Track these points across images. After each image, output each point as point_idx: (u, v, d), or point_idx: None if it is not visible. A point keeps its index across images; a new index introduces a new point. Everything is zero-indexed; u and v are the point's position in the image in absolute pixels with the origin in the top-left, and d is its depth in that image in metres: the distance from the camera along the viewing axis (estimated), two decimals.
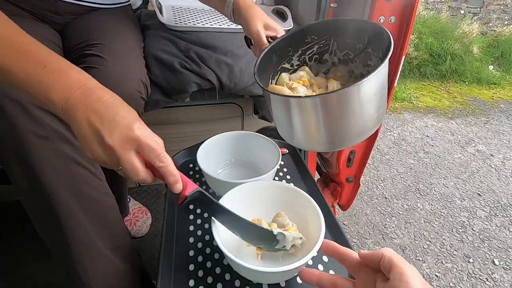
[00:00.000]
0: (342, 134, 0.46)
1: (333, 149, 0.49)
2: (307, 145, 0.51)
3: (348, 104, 0.42)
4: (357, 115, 0.43)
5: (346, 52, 0.56)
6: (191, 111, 0.93)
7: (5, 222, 0.95)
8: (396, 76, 0.77)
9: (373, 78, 0.39)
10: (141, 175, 0.36)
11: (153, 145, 0.36)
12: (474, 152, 1.70)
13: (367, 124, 0.45)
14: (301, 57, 0.59)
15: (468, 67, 2.55)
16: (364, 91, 0.41)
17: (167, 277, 0.43)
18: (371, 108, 0.44)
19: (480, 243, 1.15)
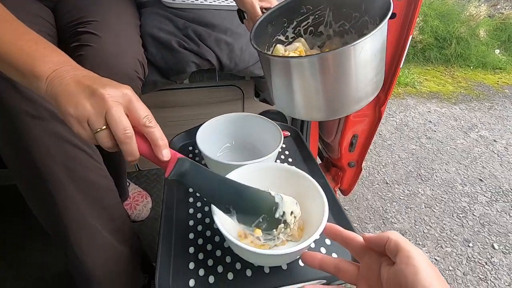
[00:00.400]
0: (341, 98, 0.45)
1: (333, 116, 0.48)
2: (306, 113, 0.50)
3: (344, 65, 0.41)
4: (354, 78, 0.42)
5: (341, 23, 0.55)
6: (190, 93, 0.91)
7: (5, 205, 0.94)
8: (403, 55, 0.74)
9: (370, 39, 0.38)
10: (128, 132, 0.33)
11: (144, 107, 0.35)
12: (477, 137, 1.68)
13: (366, 88, 0.45)
14: (296, 29, 0.57)
15: (474, 51, 2.49)
16: (360, 52, 0.40)
17: (167, 260, 0.42)
18: (369, 71, 0.43)
19: (480, 227, 1.15)
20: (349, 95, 0.44)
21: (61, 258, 0.77)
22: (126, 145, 0.34)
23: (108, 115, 0.32)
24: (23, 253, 0.81)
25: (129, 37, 0.61)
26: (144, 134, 0.35)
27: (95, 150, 0.54)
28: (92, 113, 0.32)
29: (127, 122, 0.33)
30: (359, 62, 0.41)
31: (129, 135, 0.33)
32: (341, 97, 0.45)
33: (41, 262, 0.79)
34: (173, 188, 0.55)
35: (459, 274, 0.98)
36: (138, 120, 0.34)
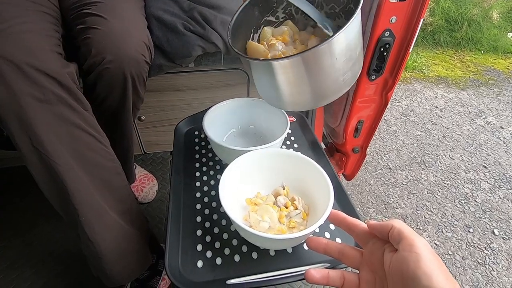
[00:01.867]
0: (322, 89, 0.46)
1: (318, 105, 0.51)
2: (293, 106, 0.51)
3: (322, 60, 0.42)
4: (333, 69, 0.43)
5: (331, 6, 0.54)
6: (195, 77, 0.90)
7: (18, 185, 0.97)
8: (413, 40, 0.72)
9: (343, 33, 0.39)
10: None
11: None
12: (484, 124, 1.66)
13: (345, 76, 0.46)
14: (287, 8, 0.56)
15: (486, 34, 2.41)
16: (335, 47, 0.41)
17: (176, 242, 0.44)
18: (345, 61, 0.44)
19: (482, 214, 1.16)
20: (330, 85, 0.46)
21: (71, 235, 0.81)
22: None
23: None
24: (37, 231, 0.85)
25: (135, 20, 0.60)
26: None
27: (102, 134, 0.55)
28: None
29: None
30: (335, 56, 0.42)
31: None
32: (322, 88, 0.46)
33: (53, 239, 0.82)
34: (180, 172, 0.56)
35: (458, 259, 1.00)
36: None
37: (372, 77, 0.80)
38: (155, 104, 0.93)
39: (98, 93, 0.59)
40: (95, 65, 0.55)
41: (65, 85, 0.47)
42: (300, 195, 0.47)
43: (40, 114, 0.45)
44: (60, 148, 0.47)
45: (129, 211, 0.58)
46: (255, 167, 0.48)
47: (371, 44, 0.74)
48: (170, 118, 0.98)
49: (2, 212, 0.90)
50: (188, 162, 0.58)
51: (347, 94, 0.87)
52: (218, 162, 0.58)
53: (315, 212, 0.44)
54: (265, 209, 0.44)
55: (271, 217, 0.43)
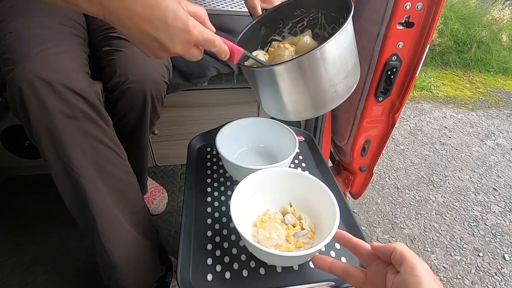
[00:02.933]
0: (321, 96, 0.48)
1: (320, 112, 0.53)
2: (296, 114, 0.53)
3: (316, 66, 0.44)
4: (326, 76, 0.45)
5: (333, 26, 0.57)
6: (209, 95, 0.94)
7: (34, 193, 1.01)
8: (419, 64, 0.75)
9: (334, 41, 0.42)
10: (198, 58, 0.40)
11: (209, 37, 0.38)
12: (494, 145, 1.65)
13: (344, 83, 0.48)
14: (292, 29, 0.60)
15: (495, 56, 2.43)
16: (326, 54, 0.43)
17: (187, 255, 0.46)
18: (340, 69, 0.46)
19: (492, 237, 1.14)
20: (322, 95, 0.48)
21: (84, 244, 0.83)
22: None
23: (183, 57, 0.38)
24: (52, 238, 0.88)
25: None
26: None
27: (121, 147, 0.58)
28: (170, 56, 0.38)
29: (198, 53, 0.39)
30: (328, 62, 0.44)
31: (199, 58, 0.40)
32: (317, 96, 0.48)
33: (67, 246, 0.85)
34: (192, 187, 0.59)
35: (467, 283, 0.98)
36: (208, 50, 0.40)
37: (380, 98, 0.82)
38: (169, 119, 0.97)
39: (119, 109, 0.63)
40: (118, 84, 0.59)
41: (91, 102, 0.51)
42: (307, 213, 0.49)
43: (67, 129, 0.49)
44: (83, 161, 0.50)
45: (143, 222, 0.61)
46: (265, 185, 0.50)
47: (379, 67, 0.77)
48: (182, 133, 1.02)
49: (19, 218, 0.94)
50: (200, 177, 0.61)
51: (355, 114, 0.90)
52: (229, 178, 0.61)
53: (321, 231, 0.45)
54: (273, 226, 0.46)
55: (278, 235, 0.45)
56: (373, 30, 0.76)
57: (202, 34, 0.36)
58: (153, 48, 0.36)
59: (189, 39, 0.36)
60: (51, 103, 0.47)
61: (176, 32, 0.34)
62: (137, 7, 0.32)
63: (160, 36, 0.34)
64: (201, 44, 0.38)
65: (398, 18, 0.69)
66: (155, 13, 0.33)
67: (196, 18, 0.37)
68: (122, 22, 0.34)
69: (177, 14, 0.34)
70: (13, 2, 0.56)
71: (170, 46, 0.35)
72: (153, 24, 0.33)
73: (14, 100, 0.47)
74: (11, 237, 0.88)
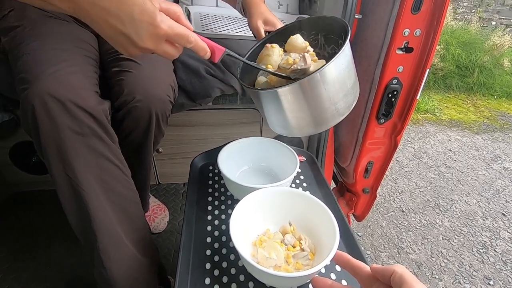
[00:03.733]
0: (323, 113, 0.51)
1: (322, 129, 0.55)
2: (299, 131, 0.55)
3: (316, 87, 0.47)
4: (326, 95, 0.48)
5: (332, 47, 0.59)
6: (213, 114, 0.96)
7: (38, 209, 1.02)
8: (419, 89, 0.76)
9: (333, 64, 0.45)
10: (174, 56, 0.40)
11: (180, 31, 0.37)
12: (500, 169, 1.63)
13: (344, 101, 0.51)
14: None
15: (498, 81, 2.45)
16: (325, 76, 0.46)
17: (185, 274, 0.45)
18: (339, 88, 0.48)
19: (503, 265, 1.10)
20: (323, 112, 0.50)
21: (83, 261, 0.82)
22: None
23: (156, 53, 0.38)
24: (51, 254, 0.87)
25: (163, 64, 0.68)
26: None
27: (125, 164, 0.60)
28: (143, 52, 0.38)
29: (172, 50, 0.39)
30: (328, 83, 0.47)
31: (176, 55, 0.40)
32: (318, 114, 0.51)
33: (66, 263, 0.84)
34: (193, 205, 0.59)
35: None
36: (182, 45, 0.40)
37: (381, 120, 0.83)
38: (173, 137, 0.99)
39: (125, 127, 0.65)
40: (125, 103, 0.61)
41: (98, 120, 0.53)
42: (307, 234, 0.48)
43: (75, 145, 0.50)
44: (88, 177, 0.51)
45: (143, 240, 0.61)
46: (265, 204, 0.50)
47: (380, 90, 0.79)
48: (186, 151, 1.03)
49: (20, 233, 0.94)
50: (202, 195, 0.61)
51: (357, 135, 0.91)
52: (230, 197, 0.61)
53: (321, 252, 0.45)
54: (272, 247, 0.45)
55: (278, 255, 0.44)
56: (374, 54, 0.78)
57: (172, 29, 0.36)
58: (123, 43, 0.36)
59: (157, 33, 0.35)
60: (61, 120, 0.49)
61: (143, 26, 0.34)
62: (104, 2, 0.33)
63: (128, 30, 0.34)
64: (172, 39, 0.37)
65: (397, 43, 0.72)
66: (122, 7, 0.33)
67: (169, 14, 0.37)
68: (90, 17, 0.34)
69: (144, 8, 0.34)
70: (32, 25, 0.60)
71: (138, 41, 0.35)
72: (120, 19, 0.34)
73: (26, 116, 0.49)
74: (11, 252, 0.87)
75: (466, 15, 2.97)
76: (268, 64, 0.52)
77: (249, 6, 0.64)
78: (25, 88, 0.49)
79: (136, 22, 0.34)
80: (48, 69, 0.51)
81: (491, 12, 2.95)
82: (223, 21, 0.92)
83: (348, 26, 0.49)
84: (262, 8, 0.63)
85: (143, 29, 0.35)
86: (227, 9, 1.00)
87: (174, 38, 0.37)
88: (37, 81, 0.49)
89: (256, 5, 0.64)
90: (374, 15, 0.77)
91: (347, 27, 0.49)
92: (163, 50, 0.38)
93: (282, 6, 1.08)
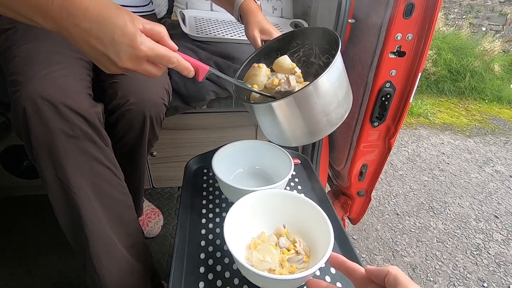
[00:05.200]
0: (316, 124, 0.52)
1: (316, 138, 0.57)
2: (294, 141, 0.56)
3: (309, 100, 0.48)
4: (320, 107, 0.49)
5: (326, 56, 0.60)
6: (207, 117, 0.96)
7: (30, 214, 1.00)
8: (412, 92, 0.77)
9: (325, 76, 0.46)
10: (157, 75, 0.41)
11: (161, 53, 0.38)
12: (492, 172, 1.65)
13: (336, 112, 0.52)
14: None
15: (489, 85, 2.50)
16: (318, 89, 0.47)
17: (179, 278, 0.45)
18: (332, 99, 0.50)
19: (496, 267, 1.10)
20: (315, 124, 0.52)
21: (74, 268, 0.81)
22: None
23: (138, 73, 0.39)
24: (42, 261, 0.85)
25: None
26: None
27: (118, 168, 0.59)
28: (125, 72, 0.39)
29: (154, 70, 0.40)
30: (320, 95, 0.48)
31: (159, 75, 0.41)
32: (311, 125, 0.52)
33: (57, 269, 0.83)
34: (188, 208, 0.58)
35: None
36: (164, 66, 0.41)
37: (375, 123, 0.84)
38: (167, 141, 0.99)
39: (118, 130, 0.65)
40: (119, 106, 0.61)
41: (91, 123, 0.52)
42: (302, 236, 0.48)
43: (67, 148, 0.50)
44: (80, 180, 0.51)
45: (136, 245, 0.60)
46: (260, 207, 0.50)
47: (373, 93, 0.80)
48: (180, 155, 1.02)
49: (10, 239, 0.92)
50: (196, 198, 0.61)
51: (351, 138, 0.91)
52: (224, 200, 0.61)
53: (316, 254, 0.45)
54: (267, 249, 0.45)
55: (272, 258, 0.44)
56: (367, 58, 0.79)
57: (152, 50, 0.37)
58: (103, 62, 0.37)
59: (137, 55, 0.36)
60: (53, 122, 0.48)
61: (122, 47, 0.35)
62: (85, 23, 0.34)
63: (108, 51, 0.36)
64: (153, 60, 0.38)
65: (390, 47, 0.73)
66: (103, 29, 0.35)
67: (153, 35, 0.38)
68: (72, 37, 0.35)
69: (125, 30, 0.35)
70: (24, 27, 0.59)
71: (118, 61, 0.36)
72: (101, 40, 0.35)
73: (17, 119, 0.48)
74: (0, 259, 0.85)
75: (457, 21, 3.03)
76: (254, 84, 0.54)
77: (246, 15, 0.65)
78: (17, 90, 0.48)
79: (116, 44, 0.35)
80: (40, 71, 0.50)
81: (481, 18, 3.01)
82: (218, 25, 0.93)
83: (339, 39, 0.50)
84: (259, 17, 0.64)
85: (123, 51, 0.36)
86: (221, 13, 1.01)
87: (155, 59, 0.38)
88: (28, 83, 0.48)
89: (252, 14, 0.64)
90: (367, 19, 0.79)
91: (338, 40, 0.50)
92: (144, 70, 0.39)
93: (276, 11, 1.08)
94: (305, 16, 1.03)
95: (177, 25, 0.85)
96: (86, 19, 0.34)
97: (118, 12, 0.36)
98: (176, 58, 0.40)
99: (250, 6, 0.65)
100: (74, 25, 0.34)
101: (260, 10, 0.67)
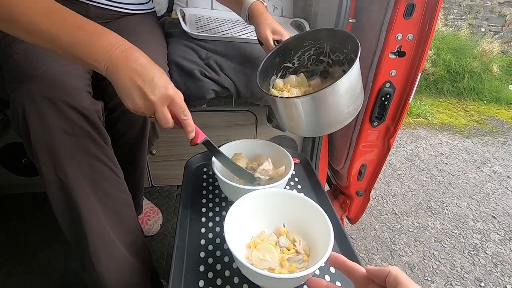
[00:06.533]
0: (332, 119, 0.58)
1: (333, 130, 0.62)
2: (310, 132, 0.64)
3: (328, 98, 0.54)
4: (336, 105, 0.55)
5: (336, 55, 0.65)
6: (207, 116, 0.96)
7: (25, 212, 0.99)
8: (411, 93, 0.78)
9: (346, 78, 0.51)
10: (170, 123, 0.47)
11: (182, 103, 0.47)
12: (490, 172, 1.66)
13: (349, 109, 0.58)
14: (301, 57, 0.69)
15: (487, 86, 2.51)
16: (337, 90, 0.53)
17: (178, 276, 0.45)
18: (348, 98, 0.55)
19: (493, 267, 1.11)
20: (337, 116, 0.58)
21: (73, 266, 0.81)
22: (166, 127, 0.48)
23: (156, 113, 0.45)
24: (40, 259, 0.85)
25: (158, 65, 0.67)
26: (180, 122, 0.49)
27: (118, 166, 0.59)
28: (145, 110, 0.45)
29: (169, 116, 0.47)
30: (340, 94, 0.54)
31: (170, 124, 0.48)
32: (331, 118, 0.58)
33: (55, 267, 0.82)
34: (187, 207, 0.58)
35: None
36: (177, 114, 0.47)
37: (375, 123, 0.84)
38: (167, 139, 0.98)
39: (118, 128, 0.64)
40: (120, 104, 0.60)
41: (91, 120, 0.52)
42: (301, 235, 0.48)
43: (66, 145, 0.49)
44: (79, 178, 0.50)
45: (135, 243, 0.60)
46: (260, 206, 0.50)
47: (373, 93, 0.80)
48: (180, 154, 1.02)
49: (9, 237, 0.91)
50: (196, 197, 0.61)
51: (351, 138, 0.91)
52: (224, 199, 0.61)
53: (316, 253, 0.45)
54: (267, 248, 0.45)
55: (272, 257, 0.44)
56: (367, 58, 0.79)
57: (177, 96, 0.46)
58: (134, 94, 0.43)
59: (167, 95, 0.44)
60: (52, 120, 0.48)
61: (157, 85, 0.44)
62: (135, 65, 0.43)
63: (145, 85, 0.43)
64: (174, 104, 0.46)
65: (390, 47, 0.73)
66: (147, 71, 0.43)
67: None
68: (118, 73, 0.42)
69: (162, 76, 0.45)
70: None
71: (149, 93, 0.43)
72: (142, 77, 0.43)
73: (16, 116, 0.48)
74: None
75: (456, 21, 3.04)
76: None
77: (256, 16, 0.67)
78: (16, 88, 0.48)
79: (153, 83, 0.43)
80: (39, 68, 0.50)
81: (480, 19, 3.02)
82: (218, 23, 0.93)
83: (357, 41, 0.56)
84: (269, 19, 0.67)
85: (158, 88, 0.44)
86: (222, 12, 1.01)
87: (175, 105, 0.46)
88: (28, 81, 0.48)
89: (263, 15, 0.67)
90: (367, 19, 0.79)
91: (357, 42, 0.56)
92: (162, 112, 0.45)
93: (277, 10, 1.08)
94: (306, 16, 1.03)
95: (177, 23, 0.85)
96: (137, 63, 0.43)
97: (159, 66, 0.46)
98: (189, 114, 0.48)
99: (259, 8, 0.68)
100: (126, 65, 0.42)
101: (267, 11, 0.69)
